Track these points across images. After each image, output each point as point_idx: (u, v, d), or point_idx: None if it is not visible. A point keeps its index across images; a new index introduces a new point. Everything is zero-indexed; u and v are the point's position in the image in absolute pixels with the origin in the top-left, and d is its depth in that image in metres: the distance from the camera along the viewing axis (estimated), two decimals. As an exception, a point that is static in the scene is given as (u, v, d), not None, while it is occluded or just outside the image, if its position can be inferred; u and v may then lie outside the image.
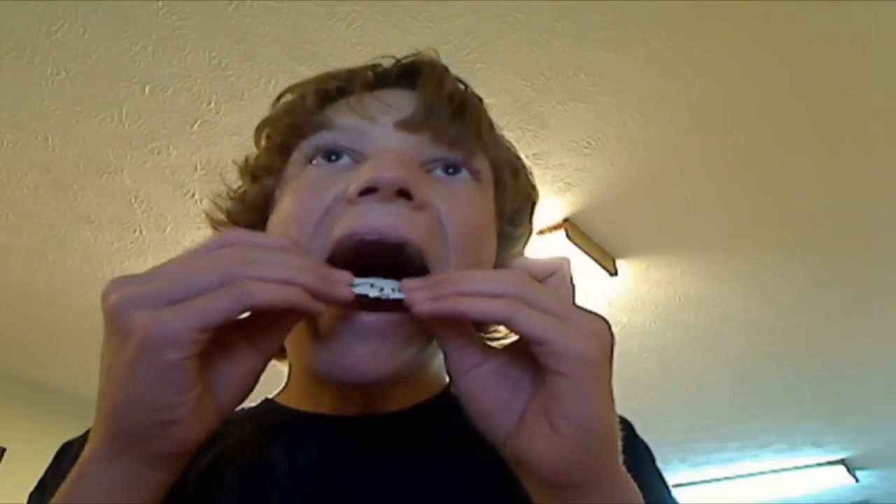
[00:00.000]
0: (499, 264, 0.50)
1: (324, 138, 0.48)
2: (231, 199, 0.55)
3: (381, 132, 0.47)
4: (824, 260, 2.30)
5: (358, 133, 0.47)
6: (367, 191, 0.42)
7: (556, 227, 2.07)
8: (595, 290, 2.38)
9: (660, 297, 2.49)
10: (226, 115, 1.67)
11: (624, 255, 2.27)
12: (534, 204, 0.58)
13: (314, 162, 0.48)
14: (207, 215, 0.55)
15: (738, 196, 2.01)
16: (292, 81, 0.54)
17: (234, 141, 1.74)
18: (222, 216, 0.54)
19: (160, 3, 1.40)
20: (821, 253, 2.26)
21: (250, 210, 0.52)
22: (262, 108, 0.55)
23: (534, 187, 0.58)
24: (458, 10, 1.42)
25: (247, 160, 0.54)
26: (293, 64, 1.52)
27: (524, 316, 0.35)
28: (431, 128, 0.47)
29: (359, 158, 0.47)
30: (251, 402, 0.54)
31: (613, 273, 2.25)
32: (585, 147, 1.81)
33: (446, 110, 0.48)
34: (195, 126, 1.71)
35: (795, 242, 2.22)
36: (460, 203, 0.46)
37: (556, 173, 1.89)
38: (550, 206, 2.01)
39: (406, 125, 0.47)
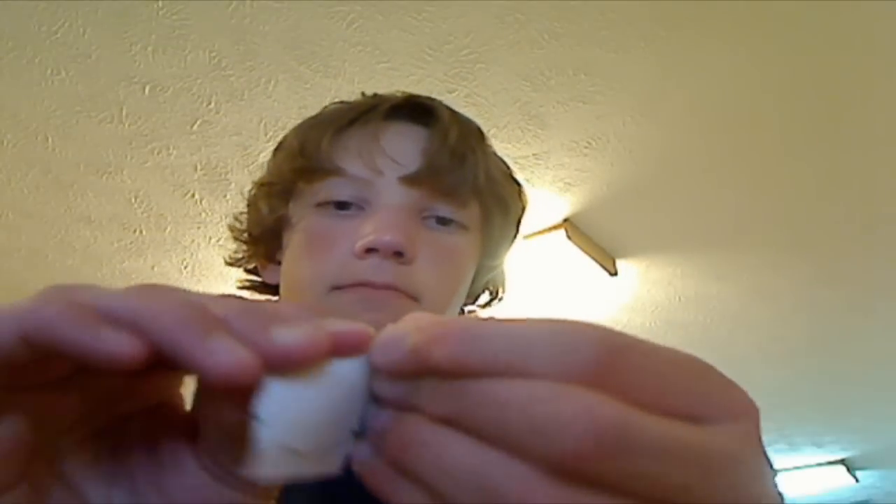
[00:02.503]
0: (471, 293, 0.59)
1: (335, 189, 0.53)
2: (248, 215, 0.61)
3: (386, 185, 0.53)
4: (824, 260, 2.30)
5: (365, 184, 0.53)
6: (370, 250, 0.49)
7: (556, 227, 2.07)
8: (595, 290, 2.38)
9: (660, 297, 2.49)
10: (226, 115, 1.67)
11: (624, 255, 2.27)
12: (520, 219, 0.63)
13: (325, 206, 0.54)
14: (231, 228, 0.62)
15: (738, 196, 2.01)
16: (292, 81, 0.57)
17: (234, 141, 1.74)
18: (243, 228, 0.61)
19: (160, 3, 1.40)
20: (821, 253, 2.26)
21: (267, 230, 0.59)
22: (262, 108, 0.57)
23: (523, 209, 0.63)
24: (458, 10, 1.42)
25: (262, 181, 0.60)
26: (293, 64, 1.52)
27: None
28: (431, 183, 0.53)
29: (365, 206, 0.53)
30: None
31: (613, 273, 2.25)
32: (585, 147, 1.81)
33: (447, 165, 0.53)
34: (195, 126, 1.70)
35: (795, 242, 2.21)
36: (441, 258, 0.53)
37: (556, 173, 1.89)
38: (550, 206, 2.01)
39: (409, 181, 0.53)
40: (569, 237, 2.05)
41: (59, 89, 1.59)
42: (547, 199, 1.98)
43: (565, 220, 2.07)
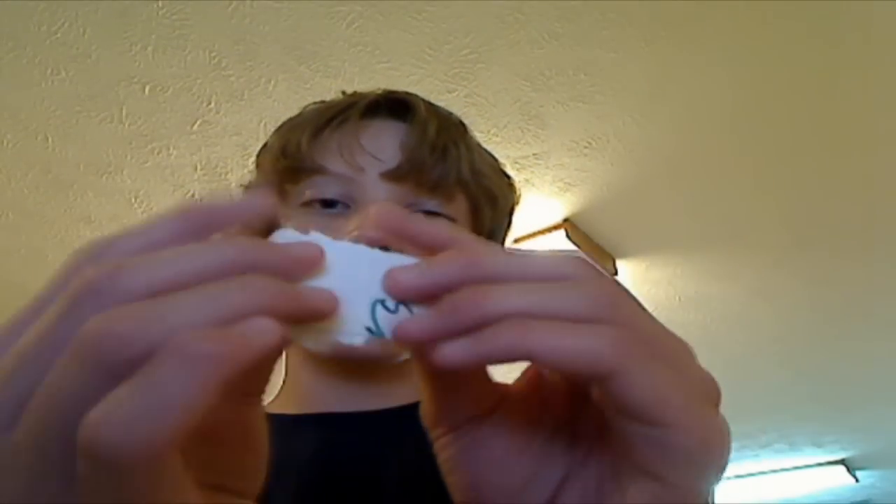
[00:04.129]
0: None
1: (319, 187, 0.53)
2: None
3: (369, 182, 0.53)
4: (824, 260, 2.30)
5: (348, 181, 0.53)
6: None
7: (556, 227, 2.07)
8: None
9: (660, 297, 2.49)
10: (226, 115, 1.67)
11: (624, 255, 2.27)
12: (512, 211, 0.63)
13: (311, 205, 0.54)
14: None
15: (738, 196, 2.01)
16: (292, 81, 0.57)
17: (234, 141, 1.74)
18: None
19: (160, 3, 1.40)
20: (821, 253, 2.26)
21: (258, 234, 0.58)
22: (262, 108, 0.57)
23: (514, 203, 0.63)
24: (458, 10, 1.42)
25: (249, 184, 0.61)
26: (293, 64, 1.52)
27: (639, 371, 0.21)
28: (414, 177, 0.53)
29: (350, 203, 0.53)
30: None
31: (613, 273, 2.25)
32: (585, 147, 1.81)
33: (429, 159, 0.53)
34: (195, 126, 1.71)
35: (795, 242, 2.21)
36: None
37: (556, 173, 1.89)
38: (550, 206, 2.01)
39: (390, 177, 0.52)
40: (569, 237, 2.05)
41: (59, 89, 1.59)
42: (547, 199, 1.98)
43: (565, 220, 2.07)
